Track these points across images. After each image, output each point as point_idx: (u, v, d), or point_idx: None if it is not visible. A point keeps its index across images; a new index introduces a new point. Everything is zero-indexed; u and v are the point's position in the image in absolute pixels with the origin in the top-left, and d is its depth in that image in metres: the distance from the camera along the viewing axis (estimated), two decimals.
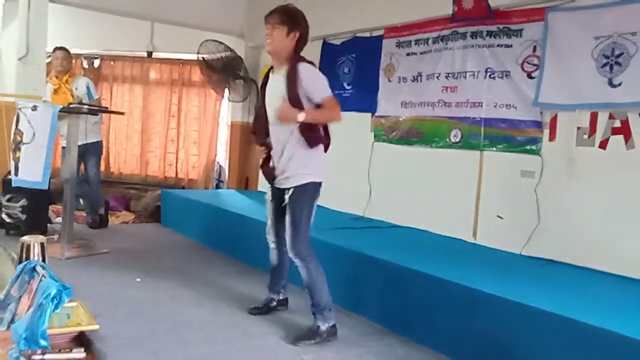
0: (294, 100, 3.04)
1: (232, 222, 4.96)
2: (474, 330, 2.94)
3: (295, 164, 3.11)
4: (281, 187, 3.20)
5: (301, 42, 3.15)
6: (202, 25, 6.51)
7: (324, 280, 3.17)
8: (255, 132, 3.50)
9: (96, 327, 2.85)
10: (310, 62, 3.16)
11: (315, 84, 3.07)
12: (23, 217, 4.97)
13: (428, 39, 4.72)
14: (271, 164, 3.25)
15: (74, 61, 6.03)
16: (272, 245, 3.46)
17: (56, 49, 5.62)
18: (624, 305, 2.89)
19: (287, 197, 3.13)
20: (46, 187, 4.51)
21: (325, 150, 3.25)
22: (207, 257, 4.94)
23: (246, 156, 7.30)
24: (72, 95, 5.49)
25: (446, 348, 3.05)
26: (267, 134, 3.25)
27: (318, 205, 3.22)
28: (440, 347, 3.08)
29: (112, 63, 7.93)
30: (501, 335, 2.82)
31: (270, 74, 3.24)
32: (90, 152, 5.69)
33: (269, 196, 3.37)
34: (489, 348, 2.86)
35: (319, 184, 3.18)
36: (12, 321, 2.79)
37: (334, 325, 3.17)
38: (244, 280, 4.21)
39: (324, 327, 3.13)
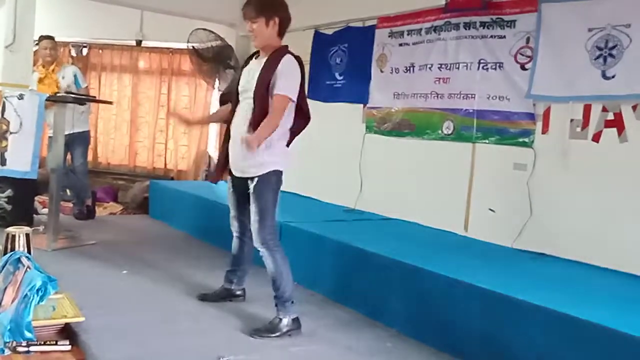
0: (261, 84, 3.00)
1: (222, 214, 4.87)
2: (464, 324, 2.93)
3: (258, 151, 3.00)
4: (243, 176, 3.12)
5: (283, 25, 3.11)
6: (192, 14, 6.43)
7: (289, 271, 3.11)
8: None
9: (82, 319, 2.84)
10: (297, 57, 3.11)
11: (284, 75, 2.99)
12: (8, 207, 4.91)
13: (421, 29, 4.68)
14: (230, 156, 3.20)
15: (61, 49, 5.94)
16: (235, 234, 3.44)
17: (42, 37, 5.53)
18: (614, 299, 2.89)
19: (251, 186, 3.07)
20: (35, 177, 4.49)
21: (292, 137, 3.19)
22: (195, 248, 4.90)
23: None
24: (58, 86, 5.42)
25: (436, 341, 3.04)
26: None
27: (309, 197, 3.19)
28: (430, 340, 3.07)
29: (100, 52, 7.83)
30: (491, 328, 2.81)
31: (254, 58, 3.20)
32: (77, 141, 5.63)
33: (230, 186, 3.33)
34: (478, 341, 2.86)
35: (281, 172, 3.11)
36: None
37: (296, 319, 3.10)
38: None
39: (285, 320, 3.06)
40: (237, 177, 3.18)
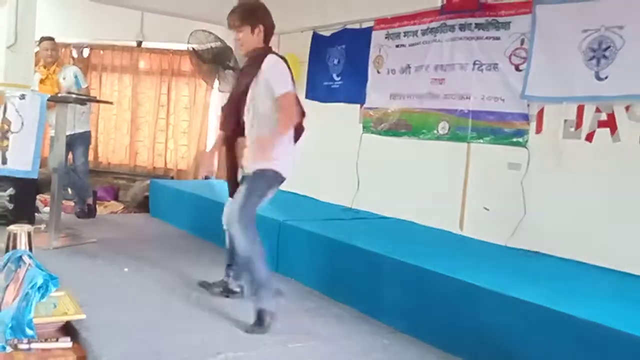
0: (238, 87, 3.16)
1: (221, 213, 4.94)
2: (459, 321, 2.96)
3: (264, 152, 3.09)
4: (247, 173, 3.22)
5: (267, 32, 3.21)
6: (191, 15, 6.46)
7: (263, 257, 3.11)
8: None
9: (83, 316, 2.86)
10: (277, 54, 3.18)
11: (276, 76, 3.06)
12: (10, 206, 4.93)
13: (417, 31, 4.73)
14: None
15: (62, 50, 5.96)
16: (225, 227, 3.45)
17: (42, 39, 5.56)
18: (607, 297, 2.91)
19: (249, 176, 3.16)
20: (36, 176, 4.51)
21: (296, 141, 3.26)
22: (195, 247, 4.94)
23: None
24: (59, 87, 5.45)
25: (431, 338, 3.07)
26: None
27: (307, 196, 3.22)
28: (426, 337, 3.10)
29: (101, 52, 7.86)
30: (485, 326, 2.84)
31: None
32: (79, 141, 5.66)
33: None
34: (473, 338, 2.89)
35: (279, 174, 3.15)
36: None
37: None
38: None
39: (266, 309, 3.06)
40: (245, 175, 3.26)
